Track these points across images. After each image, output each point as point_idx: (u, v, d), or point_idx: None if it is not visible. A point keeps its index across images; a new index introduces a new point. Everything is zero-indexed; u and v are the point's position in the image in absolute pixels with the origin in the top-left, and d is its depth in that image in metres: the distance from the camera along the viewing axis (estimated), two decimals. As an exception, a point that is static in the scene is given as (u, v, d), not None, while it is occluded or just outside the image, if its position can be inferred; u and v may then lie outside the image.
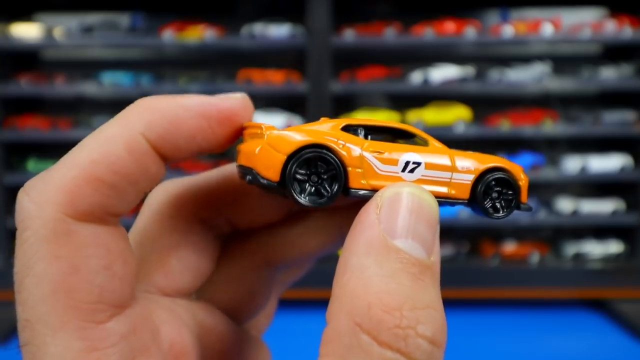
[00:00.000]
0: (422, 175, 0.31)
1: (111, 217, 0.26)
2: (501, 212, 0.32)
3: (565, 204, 2.48)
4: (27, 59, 2.66)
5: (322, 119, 0.32)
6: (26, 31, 2.44)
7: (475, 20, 2.45)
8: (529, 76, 2.45)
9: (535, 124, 2.43)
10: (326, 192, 0.29)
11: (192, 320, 0.29)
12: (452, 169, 0.32)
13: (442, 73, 2.44)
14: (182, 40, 2.41)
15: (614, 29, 2.40)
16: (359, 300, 0.20)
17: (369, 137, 0.32)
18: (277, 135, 0.29)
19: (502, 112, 2.47)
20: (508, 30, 2.40)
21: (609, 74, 2.45)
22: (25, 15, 2.58)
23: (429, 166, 0.31)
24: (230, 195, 0.31)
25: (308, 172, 0.29)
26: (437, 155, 0.31)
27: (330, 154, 0.29)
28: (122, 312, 0.25)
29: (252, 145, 0.30)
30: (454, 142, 0.39)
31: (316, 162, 0.29)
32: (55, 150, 2.66)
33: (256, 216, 0.33)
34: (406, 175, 0.31)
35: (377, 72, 2.46)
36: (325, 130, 0.31)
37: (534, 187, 2.67)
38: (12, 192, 2.50)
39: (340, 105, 2.48)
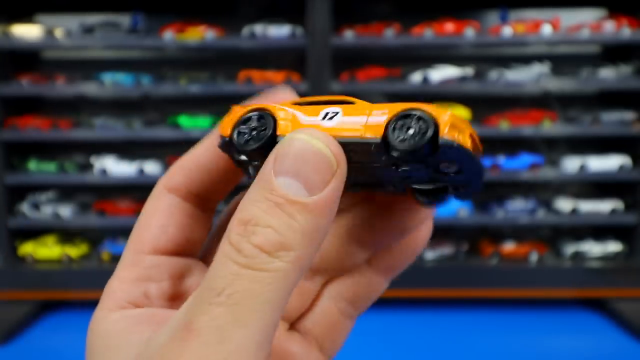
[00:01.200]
0: (340, 122, 0.33)
1: (190, 195, 0.35)
2: (409, 142, 0.30)
3: (564, 204, 2.49)
4: (27, 59, 2.67)
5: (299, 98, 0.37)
6: (27, 31, 2.45)
7: (474, 21, 2.46)
8: (528, 76, 2.46)
9: (534, 124, 2.44)
10: (260, 136, 0.33)
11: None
12: (369, 113, 0.33)
13: (442, 74, 2.45)
14: (182, 40, 2.42)
15: (613, 29, 2.41)
16: (235, 214, 0.28)
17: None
18: (235, 108, 0.36)
19: (501, 113, 2.48)
20: (507, 31, 2.41)
21: (608, 74, 2.46)
22: (25, 16, 2.59)
23: (347, 113, 0.33)
24: (214, 173, 0.36)
25: (248, 127, 0.34)
26: (356, 108, 0.34)
27: (264, 112, 0.34)
28: (161, 255, 0.35)
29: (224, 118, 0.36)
30: None
31: (257, 120, 0.34)
32: (55, 150, 2.67)
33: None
34: (325, 122, 0.33)
35: (376, 72, 2.47)
36: (274, 104, 0.35)
37: (533, 187, 2.69)
38: (13, 192, 2.51)
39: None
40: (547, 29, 2.42)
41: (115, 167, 2.48)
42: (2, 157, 2.44)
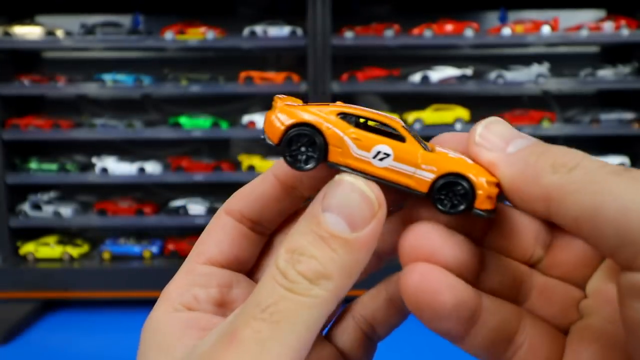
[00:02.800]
0: (390, 165, 0.36)
1: (244, 218, 0.39)
2: (449, 208, 0.35)
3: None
4: (28, 59, 2.67)
5: (338, 102, 0.38)
6: (28, 32, 2.46)
7: (473, 22, 2.47)
8: (527, 77, 2.47)
9: (534, 125, 2.45)
10: (311, 159, 0.36)
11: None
12: (417, 165, 0.36)
13: (441, 75, 2.46)
14: (183, 41, 2.43)
15: (612, 29, 2.42)
16: (284, 243, 0.31)
17: (358, 125, 0.38)
18: (283, 108, 0.37)
19: (500, 113, 2.49)
20: (506, 31, 2.42)
21: (607, 75, 2.47)
22: (26, 16, 2.59)
23: (397, 159, 0.36)
24: (270, 204, 0.40)
25: (299, 143, 0.36)
26: (407, 152, 0.36)
27: (316, 133, 0.36)
28: (212, 266, 0.39)
29: (269, 113, 0.37)
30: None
31: (307, 143, 0.36)
32: (56, 150, 2.68)
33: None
34: (376, 162, 0.36)
35: (376, 73, 2.48)
36: (323, 114, 0.37)
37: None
38: (14, 192, 2.51)
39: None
40: (546, 30, 2.43)
41: (116, 167, 2.49)
42: (3, 156, 2.44)
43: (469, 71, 2.49)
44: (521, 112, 2.49)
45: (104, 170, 2.49)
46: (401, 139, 0.37)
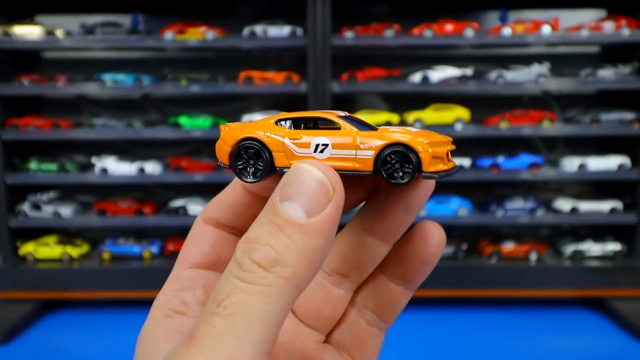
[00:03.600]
0: (331, 154, 0.38)
1: (219, 224, 0.41)
2: (400, 179, 0.36)
3: (563, 204, 2.50)
4: (28, 59, 2.67)
5: (281, 113, 0.42)
6: (28, 32, 2.46)
7: (473, 22, 2.47)
8: (527, 77, 2.46)
9: (534, 124, 2.44)
10: (259, 171, 0.39)
11: None
12: (356, 147, 0.37)
13: (441, 75, 2.45)
14: (182, 41, 2.43)
15: (612, 29, 2.42)
16: (243, 235, 0.32)
17: (293, 126, 0.41)
18: (226, 132, 0.41)
19: (501, 113, 2.48)
20: (507, 31, 2.42)
21: (607, 75, 2.47)
22: (26, 16, 2.59)
23: (336, 146, 0.38)
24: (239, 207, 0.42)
25: (246, 157, 0.40)
26: (343, 137, 0.38)
27: (257, 144, 0.40)
28: (197, 269, 0.40)
29: (218, 142, 0.42)
30: (454, 141, 0.42)
31: (253, 155, 0.40)
32: (56, 150, 2.68)
33: None
34: (318, 155, 0.38)
35: (376, 72, 2.48)
36: (259, 125, 0.41)
37: (532, 187, 2.69)
38: (13, 192, 2.51)
39: (340, 106, 2.49)
40: (546, 30, 2.43)
41: (116, 167, 2.49)
42: (3, 157, 2.44)
43: (469, 71, 2.48)
44: (521, 112, 2.48)
45: (104, 170, 2.49)
46: (337, 128, 0.39)
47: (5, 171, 2.46)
